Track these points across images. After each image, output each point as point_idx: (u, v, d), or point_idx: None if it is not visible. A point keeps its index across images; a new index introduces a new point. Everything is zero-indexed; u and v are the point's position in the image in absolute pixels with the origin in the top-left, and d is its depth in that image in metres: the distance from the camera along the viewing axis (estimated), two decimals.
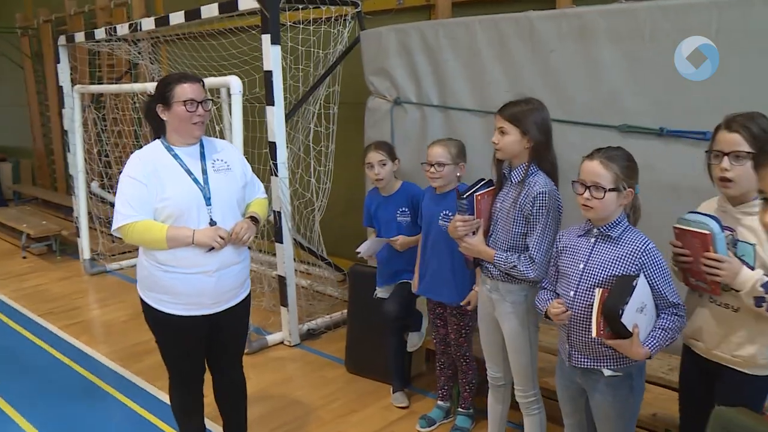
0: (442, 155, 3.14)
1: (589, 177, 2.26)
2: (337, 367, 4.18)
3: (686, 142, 3.19)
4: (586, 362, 2.33)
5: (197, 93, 2.72)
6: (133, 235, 2.65)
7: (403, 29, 4.27)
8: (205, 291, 2.74)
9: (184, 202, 2.67)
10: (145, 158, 2.71)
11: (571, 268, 2.36)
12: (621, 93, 3.35)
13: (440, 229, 3.17)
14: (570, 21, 3.48)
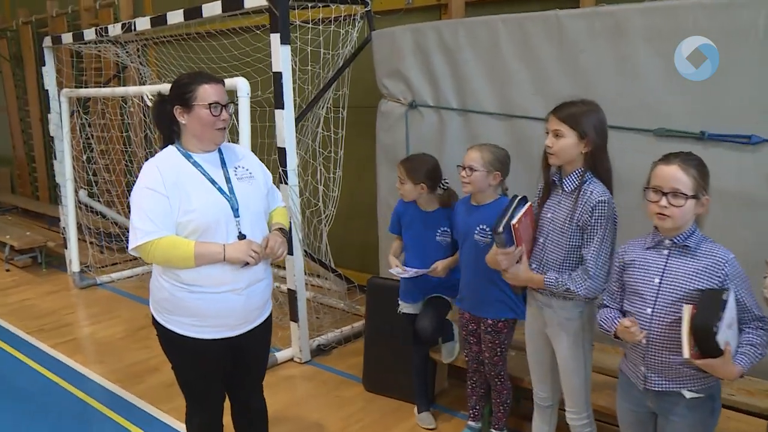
0: (474, 159, 2.94)
1: (666, 183, 2.08)
2: (353, 385, 3.95)
3: (728, 146, 3.05)
4: (665, 385, 2.15)
5: (221, 95, 2.48)
6: (156, 253, 2.39)
7: (419, 29, 4.08)
8: (234, 311, 2.51)
9: (211, 214, 2.43)
10: (163, 167, 2.45)
11: (643, 284, 2.17)
12: (657, 95, 3.19)
13: (476, 243, 2.98)
14: (603, 19, 3.31)
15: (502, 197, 3.03)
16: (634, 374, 2.24)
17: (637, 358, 2.21)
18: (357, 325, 4.63)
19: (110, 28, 5.10)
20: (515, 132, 3.71)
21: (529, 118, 3.65)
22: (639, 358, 2.20)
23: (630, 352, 2.25)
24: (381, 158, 4.42)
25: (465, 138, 3.91)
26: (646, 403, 2.23)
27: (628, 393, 2.30)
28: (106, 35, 5.15)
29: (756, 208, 2.95)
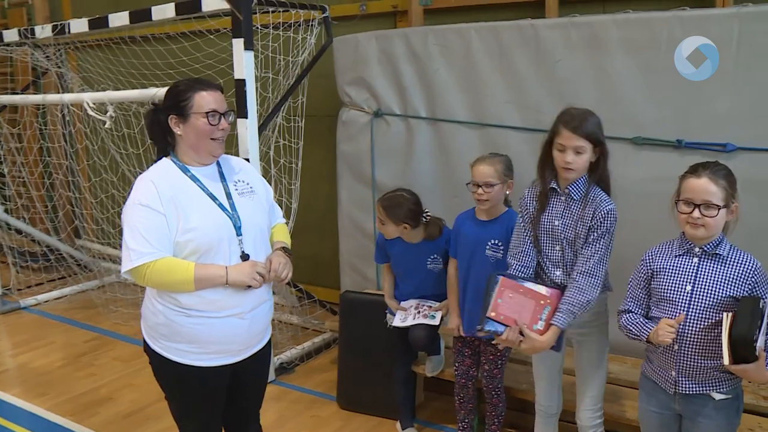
0: (490, 174, 2.86)
1: (698, 195, 2.13)
2: (326, 404, 3.80)
3: (705, 154, 3.16)
4: (696, 388, 2.20)
5: (220, 103, 2.30)
6: (152, 277, 2.18)
7: (385, 35, 4.00)
8: (237, 336, 2.34)
9: (212, 233, 2.25)
10: (159, 181, 2.24)
11: (674, 291, 2.21)
12: (634, 104, 3.27)
13: (486, 259, 2.92)
14: (579, 29, 3.36)
15: (509, 210, 2.98)
16: (663, 378, 2.27)
17: (667, 363, 2.24)
18: (317, 340, 4.49)
19: (38, 29, 4.70)
20: (488, 141, 3.69)
21: (503, 126, 3.65)
22: (670, 362, 2.23)
23: (659, 356, 2.27)
24: (342, 169, 4.30)
25: (435, 147, 3.88)
26: (673, 405, 2.27)
27: (652, 396, 2.33)
28: (32, 37, 4.75)
29: None
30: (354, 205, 4.28)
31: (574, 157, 2.40)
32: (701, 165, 2.19)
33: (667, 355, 2.23)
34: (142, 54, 4.85)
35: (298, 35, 4.27)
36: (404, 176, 3.98)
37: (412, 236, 3.24)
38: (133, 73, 4.87)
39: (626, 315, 2.34)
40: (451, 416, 3.61)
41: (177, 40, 4.57)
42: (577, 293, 2.42)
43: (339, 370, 3.79)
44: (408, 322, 3.27)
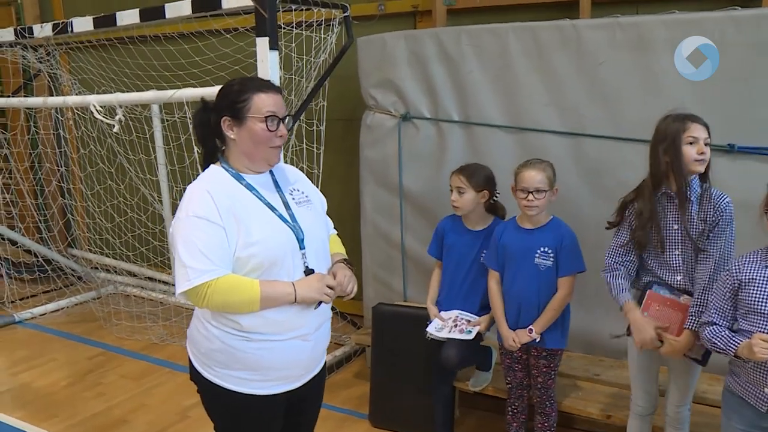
0: (540, 180, 2.76)
1: None
2: (357, 422, 3.61)
3: (758, 159, 3.07)
4: None
5: (279, 106, 2.10)
6: (213, 297, 1.96)
7: (414, 35, 3.84)
8: (300, 361, 2.15)
9: (276, 247, 2.05)
10: (215, 191, 2.02)
11: (765, 303, 2.09)
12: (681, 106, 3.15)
13: (534, 267, 2.82)
14: (624, 30, 3.24)
15: (554, 218, 2.89)
16: (753, 395, 2.15)
17: (758, 379, 2.12)
18: (339, 353, 4.30)
19: (36, 28, 4.44)
20: (525, 145, 3.55)
21: (541, 130, 3.52)
22: (762, 378, 2.11)
23: (748, 372, 2.16)
24: (366, 175, 4.12)
25: (468, 152, 3.71)
26: (763, 424, 2.15)
27: (739, 414, 2.21)
28: (29, 36, 4.48)
29: None
30: (378, 212, 4.10)
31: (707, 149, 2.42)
32: None
33: (759, 371, 2.11)
34: (147, 54, 4.62)
35: (318, 35, 4.09)
36: (435, 182, 3.82)
37: (478, 218, 3.14)
38: (139, 75, 4.63)
39: (710, 327, 2.23)
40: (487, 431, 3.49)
41: (189, 40, 4.34)
42: (706, 294, 2.38)
43: (371, 387, 3.60)
44: (443, 333, 3.12)
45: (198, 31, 4.22)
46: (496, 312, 2.98)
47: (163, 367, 4.29)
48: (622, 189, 3.31)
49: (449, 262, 3.23)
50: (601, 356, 3.50)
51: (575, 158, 3.44)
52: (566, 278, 2.81)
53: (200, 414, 3.68)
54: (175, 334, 4.70)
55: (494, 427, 3.49)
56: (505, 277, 2.94)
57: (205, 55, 4.22)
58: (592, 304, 3.36)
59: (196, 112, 2.17)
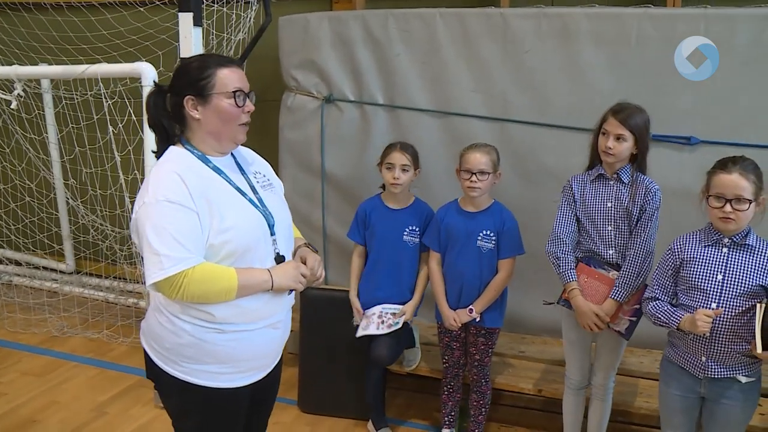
0: (485, 163, 2.83)
1: (730, 190, 2.21)
2: (286, 408, 3.56)
3: (669, 147, 3.29)
4: (724, 372, 2.28)
5: (244, 81, 1.99)
6: (190, 287, 1.83)
7: (339, 17, 3.79)
8: (270, 349, 2.10)
9: (249, 233, 1.96)
10: (185, 174, 1.89)
11: (705, 280, 2.28)
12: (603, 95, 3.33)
13: (476, 250, 2.90)
14: (550, 20, 3.37)
15: (495, 201, 2.99)
16: (691, 363, 2.34)
17: (696, 349, 2.31)
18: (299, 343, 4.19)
19: None
20: (451, 129, 3.63)
21: (467, 115, 3.59)
22: (700, 348, 2.30)
23: (687, 343, 2.34)
24: (286, 158, 4.03)
25: (393, 135, 3.71)
26: (698, 389, 2.36)
27: (677, 381, 2.40)
28: None
29: None
30: (299, 195, 4.02)
31: (615, 143, 2.55)
32: (730, 160, 2.26)
33: (697, 342, 2.30)
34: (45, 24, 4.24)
35: (235, 12, 3.94)
36: (358, 165, 3.81)
37: (404, 197, 3.19)
38: (34, 46, 4.25)
39: (653, 302, 2.41)
40: (417, 412, 3.56)
41: (96, 11, 4.04)
42: (632, 269, 2.60)
43: (300, 372, 3.57)
44: (371, 330, 3.14)
45: (107, 2, 3.93)
46: (437, 292, 3.04)
47: (69, 361, 4.02)
48: (543, 173, 3.51)
49: (374, 243, 3.25)
50: (523, 334, 3.66)
51: (500, 143, 3.47)
52: (507, 260, 2.91)
53: (118, 409, 3.55)
54: (77, 325, 4.42)
55: (423, 407, 3.58)
56: (447, 258, 3.00)
57: (113, 29, 3.95)
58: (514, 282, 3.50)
59: (150, 93, 2.03)
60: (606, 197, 2.66)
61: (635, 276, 2.60)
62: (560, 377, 3.03)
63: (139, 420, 3.39)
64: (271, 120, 4.14)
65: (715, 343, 2.26)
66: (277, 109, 4.04)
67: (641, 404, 3.02)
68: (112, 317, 4.42)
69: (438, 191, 3.57)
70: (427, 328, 3.61)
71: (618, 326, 2.68)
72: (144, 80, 3.30)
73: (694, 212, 2.42)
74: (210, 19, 3.86)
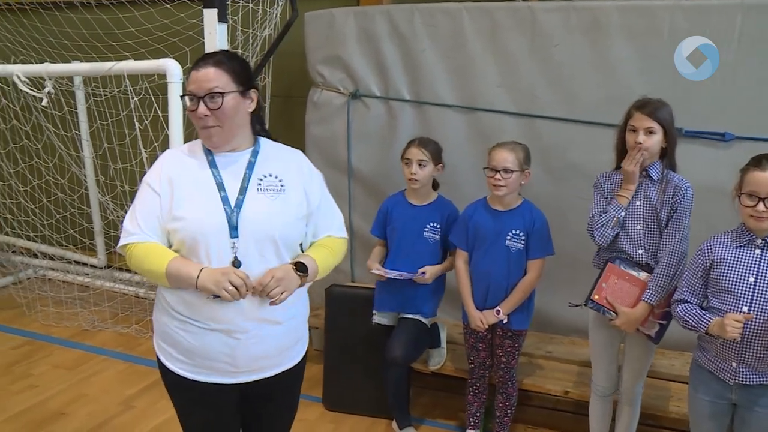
0: (510, 160, 2.77)
1: (764, 188, 2.13)
2: (311, 406, 3.55)
3: (704, 143, 3.20)
4: (756, 379, 2.19)
5: (200, 83, 1.91)
6: (132, 260, 1.97)
7: (364, 12, 3.76)
8: (225, 356, 1.97)
9: (200, 228, 1.91)
10: (170, 159, 2.03)
11: (736, 282, 2.19)
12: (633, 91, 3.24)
13: (505, 250, 2.85)
14: (579, 14, 3.29)
15: (525, 200, 2.93)
16: (721, 368, 2.25)
17: (727, 354, 2.22)
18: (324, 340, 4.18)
19: None
20: (478, 125, 3.58)
21: (494, 111, 3.54)
22: (730, 353, 2.21)
23: (717, 347, 2.25)
24: (313, 153, 3.99)
25: (419, 131, 3.67)
26: (728, 395, 2.27)
27: (707, 386, 2.32)
28: None
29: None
30: None
31: (645, 137, 2.48)
32: (765, 157, 2.17)
33: (728, 347, 2.21)
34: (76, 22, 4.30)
35: (262, 8, 3.93)
36: (384, 161, 3.78)
37: (426, 193, 3.16)
38: (65, 44, 4.31)
39: (682, 305, 2.32)
40: (442, 411, 3.53)
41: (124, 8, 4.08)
42: (665, 271, 2.52)
43: (325, 370, 3.56)
44: (390, 275, 3.11)
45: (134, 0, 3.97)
46: (464, 291, 2.98)
47: (98, 355, 4.08)
48: (570, 170, 3.44)
49: (394, 238, 3.22)
50: (551, 334, 3.59)
51: (527, 139, 3.40)
52: (536, 261, 2.86)
53: (146, 403, 3.58)
54: (107, 319, 4.48)
55: (448, 406, 3.54)
56: (474, 258, 2.95)
57: (141, 26, 3.98)
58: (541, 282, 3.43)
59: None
60: (635, 195, 2.58)
61: (669, 279, 2.51)
62: (588, 378, 2.96)
63: (166, 414, 3.41)
64: (297, 116, 4.13)
65: (747, 348, 2.17)
66: (303, 105, 4.04)
67: (672, 408, 2.94)
68: (142, 312, 4.47)
69: (464, 188, 3.53)
70: (452, 327, 3.57)
71: (648, 330, 2.61)
72: (169, 77, 3.32)
73: (728, 212, 2.33)
74: (236, 15, 3.87)
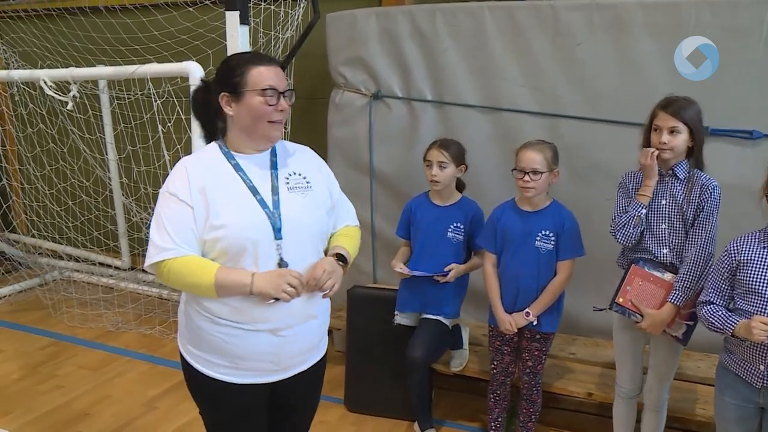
0: (538, 161, 2.74)
1: None
2: (332, 407, 3.55)
3: (729, 141, 3.14)
4: None
5: (279, 80, 1.97)
6: (170, 276, 1.91)
7: (386, 12, 3.75)
8: (269, 355, 2.00)
9: (245, 233, 1.91)
10: (193, 168, 1.94)
11: (763, 284, 2.14)
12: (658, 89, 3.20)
13: (535, 251, 2.81)
14: (602, 12, 3.26)
15: (554, 201, 2.89)
16: (748, 371, 2.21)
17: (754, 357, 2.18)
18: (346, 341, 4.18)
19: None
20: (500, 125, 3.56)
21: (517, 111, 3.51)
22: (758, 356, 2.17)
23: (744, 350, 2.21)
24: (334, 155, 4.02)
25: (442, 132, 3.66)
26: (756, 399, 2.22)
27: (733, 389, 2.27)
28: None
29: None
30: (347, 193, 3.88)
31: (669, 137, 2.45)
32: None
33: (755, 349, 2.16)
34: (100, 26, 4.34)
35: (283, 9, 3.95)
36: (406, 162, 3.77)
37: (449, 194, 3.15)
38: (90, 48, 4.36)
39: (708, 306, 2.27)
40: (465, 413, 3.50)
41: (147, 12, 4.12)
42: (692, 271, 2.47)
43: (347, 371, 3.55)
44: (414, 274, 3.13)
45: (158, 3, 4.00)
46: (492, 294, 2.95)
47: (122, 356, 4.11)
48: (594, 170, 3.40)
49: (418, 238, 3.22)
50: (574, 335, 3.55)
51: (550, 139, 3.35)
52: (566, 262, 2.82)
53: (168, 404, 3.60)
54: (131, 320, 4.51)
55: (470, 407, 3.52)
56: (502, 260, 2.91)
57: (164, 29, 4.01)
58: None
59: (195, 89, 2.09)
60: (660, 194, 2.55)
61: (695, 279, 2.46)
62: (611, 380, 2.92)
63: (188, 415, 3.43)
64: (319, 117, 4.14)
65: None
66: (325, 106, 4.04)
67: (698, 411, 2.88)
68: (165, 313, 4.50)
69: (488, 188, 3.52)
70: (475, 328, 3.54)
71: (675, 331, 2.56)
72: (191, 79, 3.35)
73: (755, 211, 2.28)
74: (258, 17, 3.89)
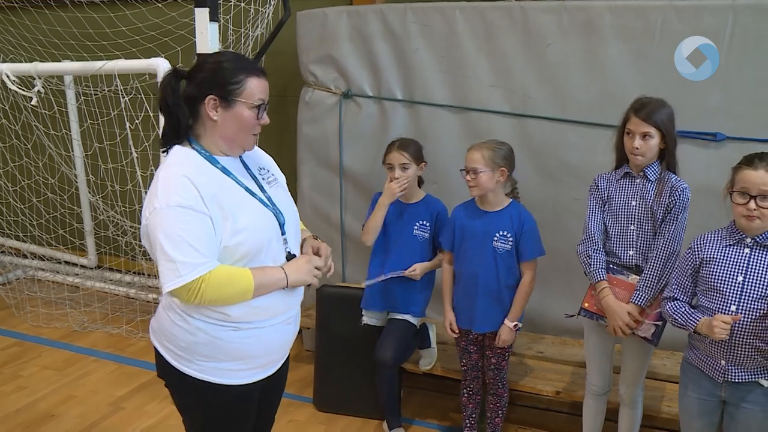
0: (476, 160, 2.77)
1: (754, 186, 2.13)
2: (301, 406, 3.54)
3: (694, 143, 3.20)
4: (744, 376, 2.20)
5: (267, 93, 1.96)
6: (207, 292, 1.81)
7: (357, 11, 3.74)
8: (284, 344, 2.11)
9: (262, 233, 1.94)
10: (195, 177, 1.84)
11: (725, 281, 2.20)
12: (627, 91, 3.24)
13: (490, 251, 2.83)
14: (571, 14, 3.29)
15: (513, 201, 2.90)
16: (710, 366, 2.27)
17: (716, 352, 2.24)
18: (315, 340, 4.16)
19: None
20: (470, 125, 3.57)
21: (487, 111, 3.53)
22: (719, 352, 2.23)
23: (706, 346, 2.26)
24: (304, 153, 4.01)
25: (412, 131, 3.67)
26: (718, 393, 2.28)
27: (696, 384, 2.33)
28: None
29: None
30: (317, 192, 4.00)
31: (641, 142, 2.48)
32: (757, 156, 2.18)
33: (716, 345, 2.22)
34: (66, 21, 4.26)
35: (253, 7, 3.91)
36: (377, 161, 3.70)
37: (410, 193, 3.15)
38: (55, 43, 4.28)
39: (671, 302, 2.33)
40: (433, 412, 3.52)
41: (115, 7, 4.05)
42: (653, 271, 2.51)
43: (316, 370, 3.54)
44: (380, 279, 3.16)
45: None
46: (445, 292, 3.00)
47: (88, 356, 4.05)
48: (564, 170, 3.43)
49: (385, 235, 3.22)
50: (542, 333, 3.59)
51: (520, 139, 3.46)
52: (529, 263, 2.84)
53: (135, 405, 3.56)
54: (97, 320, 4.45)
55: (439, 406, 3.54)
56: (462, 258, 2.93)
57: (132, 25, 3.95)
58: None
59: (167, 80, 1.94)
60: (631, 195, 2.59)
61: (657, 279, 2.50)
62: (580, 379, 2.96)
63: (155, 416, 3.40)
64: (289, 116, 4.12)
65: (735, 346, 2.18)
66: (295, 104, 4.03)
67: (664, 408, 2.93)
68: (132, 312, 4.44)
69: (456, 188, 3.49)
70: (441, 327, 3.55)
71: (644, 332, 2.59)
72: (160, 76, 3.29)
73: (719, 211, 2.33)
74: (228, 14, 3.85)
